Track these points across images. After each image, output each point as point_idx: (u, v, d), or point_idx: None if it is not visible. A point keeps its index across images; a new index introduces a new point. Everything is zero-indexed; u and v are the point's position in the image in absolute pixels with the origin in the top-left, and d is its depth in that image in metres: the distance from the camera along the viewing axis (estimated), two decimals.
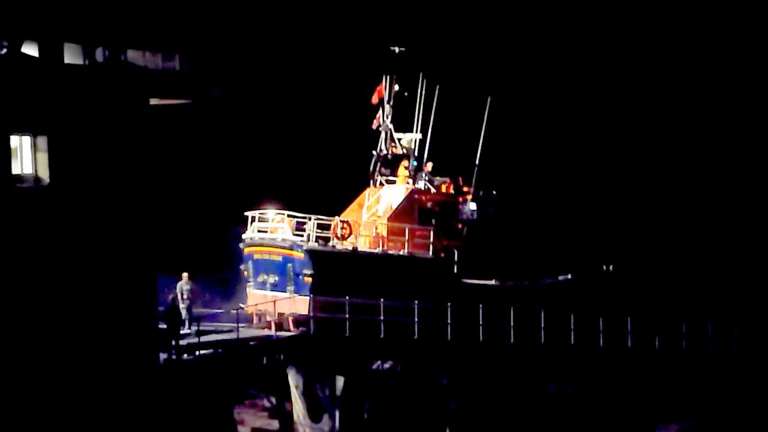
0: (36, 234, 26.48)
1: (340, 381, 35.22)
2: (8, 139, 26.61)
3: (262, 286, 36.67)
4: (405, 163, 39.46)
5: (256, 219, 37.09)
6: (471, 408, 36.91)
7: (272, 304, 35.22)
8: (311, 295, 34.79)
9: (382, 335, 35.08)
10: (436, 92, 39.56)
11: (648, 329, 39.63)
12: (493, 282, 38.11)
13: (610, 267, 41.28)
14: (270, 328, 35.17)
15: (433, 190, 39.20)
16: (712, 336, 40.60)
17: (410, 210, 37.94)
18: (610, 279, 41.14)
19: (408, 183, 39.01)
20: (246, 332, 34.50)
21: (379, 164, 39.81)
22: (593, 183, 59.69)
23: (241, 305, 36.67)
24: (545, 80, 62.16)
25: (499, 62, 56.55)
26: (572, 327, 37.94)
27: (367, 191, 39.80)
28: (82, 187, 27.82)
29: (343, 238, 36.55)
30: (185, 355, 32.03)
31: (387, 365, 35.87)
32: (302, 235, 35.96)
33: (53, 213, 27.07)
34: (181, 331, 32.70)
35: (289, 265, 35.57)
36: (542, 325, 37.39)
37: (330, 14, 59.43)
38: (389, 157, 39.64)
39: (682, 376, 39.54)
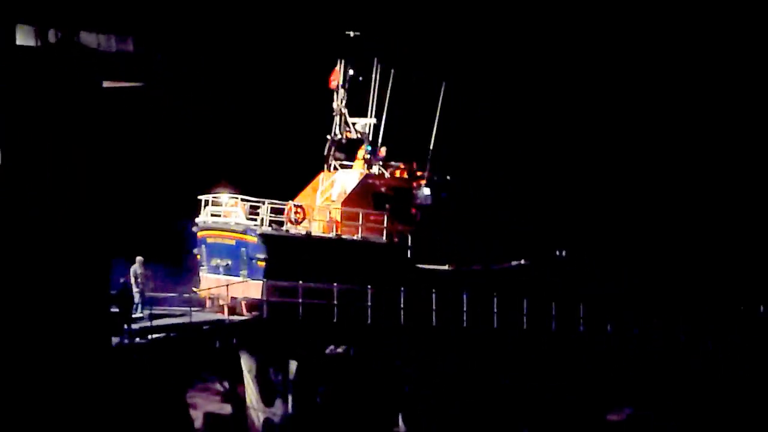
0: None
1: (293, 365, 35.13)
2: None
3: (216, 270, 36.66)
4: (359, 148, 39.53)
5: (210, 203, 37.07)
6: (424, 392, 37.00)
7: (225, 288, 35.29)
8: (265, 280, 34.80)
9: (335, 319, 35.26)
10: (391, 77, 39.58)
11: (601, 315, 40.08)
12: (446, 267, 38.35)
13: (563, 252, 41.64)
14: (223, 312, 35.18)
15: (387, 175, 39.35)
16: (664, 322, 41.05)
17: (364, 195, 38.13)
18: (564, 264, 41.47)
19: (363, 168, 39.11)
20: (199, 316, 34.76)
21: (333, 149, 39.91)
22: (550, 168, 59.79)
23: (194, 289, 36.96)
24: (499, 64, 62.24)
25: (454, 47, 56.56)
26: (525, 312, 38.25)
27: (321, 175, 39.91)
28: (33, 169, 27.74)
29: (297, 222, 36.64)
30: (137, 339, 32.11)
31: (340, 349, 35.77)
32: (256, 220, 36.04)
33: (3, 195, 27.05)
34: (134, 315, 32.76)
35: (243, 249, 35.62)
36: (495, 310, 37.62)
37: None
38: (343, 141, 39.72)
39: (633, 361, 39.92)
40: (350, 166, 39.78)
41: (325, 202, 38.65)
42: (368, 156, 39.36)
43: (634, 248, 51.45)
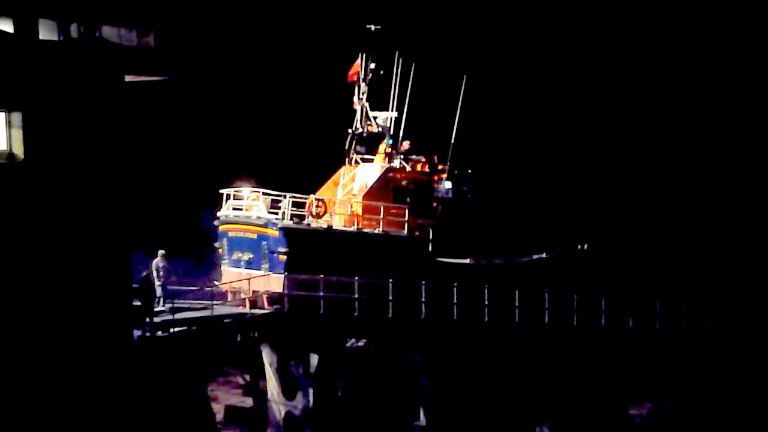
0: (8, 210, 26.49)
1: (314, 359, 35.25)
2: None
3: (237, 263, 36.77)
4: (381, 142, 39.51)
5: (231, 197, 37.20)
6: (444, 385, 37.08)
7: (247, 281, 35.46)
8: (286, 273, 34.83)
9: (356, 313, 35.35)
10: (412, 71, 39.43)
11: (622, 308, 39.90)
12: (467, 260, 38.33)
13: (585, 246, 41.48)
14: (244, 305, 35.31)
15: (408, 168, 39.29)
16: (686, 315, 40.80)
17: (385, 188, 38.07)
18: (585, 258, 41.33)
19: (384, 161, 39.06)
20: (220, 309, 34.78)
21: (354, 142, 39.86)
22: (571, 162, 59.77)
23: (216, 282, 36.93)
24: (521, 58, 62.19)
25: (475, 41, 56.47)
26: (546, 306, 38.26)
27: (342, 169, 39.90)
28: (57, 163, 27.81)
29: (318, 216, 36.54)
30: (159, 332, 32.06)
31: (361, 343, 35.98)
32: (277, 213, 36.00)
33: (27, 189, 27.06)
34: (156, 308, 32.72)
35: (264, 242, 35.62)
36: (516, 304, 37.62)
37: None
38: (365, 135, 39.66)
39: (655, 355, 39.80)
40: (371, 160, 39.77)
41: (347, 195, 38.60)
42: (390, 150, 39.28)
43: (653, 242, 51.29)
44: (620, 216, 53.45)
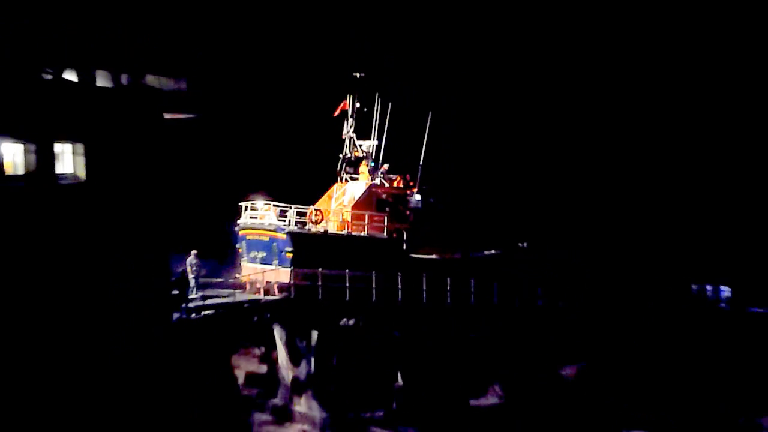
0: (75, 219, 26.53)
1: (314, 334, 35.19)
2: (53, 146, 26.71)
3: (253, 260, 36.73)
4: (364, 164, 39.57)
5: (249, 208, 37.21)
6: (417, 354, 37.01)
7: (261, 274, 35.47)
8: (292, 268, 34.97)
9: (347, 298, 35.42)
10: (389, 108, 39.76)
11: (554, 292, 40.04)
12: (433, 256, 38.40)
13: (525, 244, 41.77)
14: (259, 293, 35.27)
15: (387, 184, 39.38)
16: (609, 296, 40.98)
17: (369, 201, 38.16)
18: (524, 253, 41.59)
19: (368, 179, 39.10)
20: (240, 297, 34.88)
21: (344, 165, 39.98)
22: (513, 180, 59.73)
23: (237, 275, 36.88)
24: (474, 101, 62.37)
25: (438, 86, 56.57)
26: (495, 290, 38.35)
27: (335, 186, 39.92)
28: (111, 183, 27.81)
29: (317, 223, 36.71)
30: (193, 315, 32.25)
31: (351, 322, 35.79)
32: (284, 221, 36.01)
33: (89, 203, 27.11)
34: (190, 296, 32.89)
35: (274, 244, 35.67)
36: (472, 290, 37.79)
37: (308, 48, 59.38)
38: (352, 159, 39.82)
39: (580, 327, 39.78)
40: (357, 178, 39.82)
41: (339, 206, 38.62)
42: (370, 169, 39.39)
43: (579, 240, 51.30)
44: (551, 220, 53.35)
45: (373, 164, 39.57)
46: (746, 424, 35.74)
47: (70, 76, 27.76)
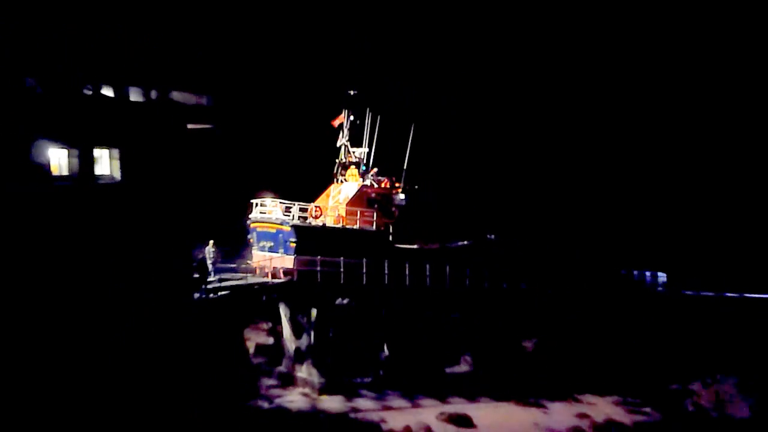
0: (111, 213, 26.71)
1: (314, 312, 35.42)
2: (92, 151, 26.93)
3: (262, 249, 36.72)
4: (353, 168, 39.61)
5: (258, 204, 37.34)
6: (400, 328, 37.37)
7: (269, 261, 35.65)
8: (295, 255, 34.98)
9: (342, 281, 35.35)
10: (378, 120, 39.75)
11: (517, 276, 39.95)
12: (415, 246, 38.37)
13: (492, 236, 41.73)
14: (267, 277, 35.40)
15: (376, 185, 39.34)
16: (561, 280, 40.70)
17: (361, 199, 38.18)
18: (492, 244, 41.44)
19: (359, 181, 39.13)
20: (251, 279, 35.06)
21: (340, 168, 40.03)
22: (483, 183, 59.58)
23: (248, 262, 36.99)
24: (450, 114, 62.50)
25: (419, 103, 56.46)
26: (467, 274, 38.41)
27: (332, 186, 39.95)
28: (142, 183, 28.00)
29: (316, 217, 36.82)
30: (211, 295, 32.35)
31: (345, 301, 35.98)
32: (289, 215, 36.18)
33: (123, 200, 27.30)
34: (208, 280, 33.03)
35: (280, 235, 35.68)
36: (447, 274, 37.78)
37: (310, 69, 59.30)
38: (347, 164, 39.86)
39: (538, 306, 39.96)
40: (350, 180, 39.90)
41: (335, 204, 38.60)
42: (362, 172, 39.42)
43: (538, 232, 50.98)
44: (514, 216, 53.13)
45: (364, 168, 39.52)
46: (678, 389, 35.94)
47: (107, 91, 27.96)
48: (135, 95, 29.19)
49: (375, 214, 38.10)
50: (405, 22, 62.49)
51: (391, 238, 38.13)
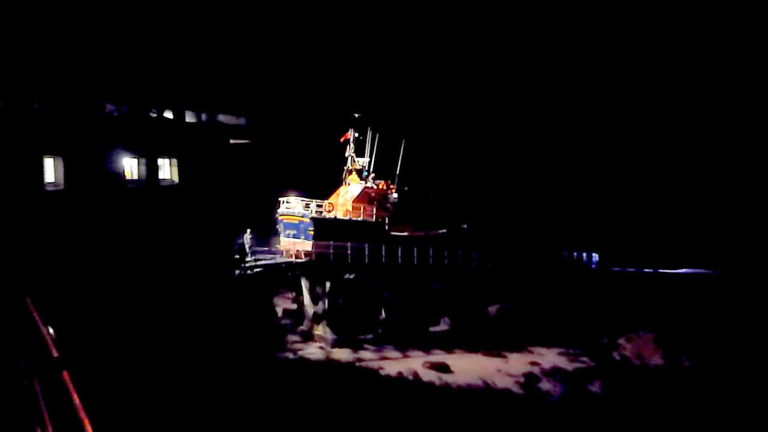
0: (171, 208, 26.92)
1: (327, 284, 35.28)
2: (157, 160, 27.29)
3: (288, 236, 36.42)
4: (353, 174, 39.22)
5: (285, 201, 37.20)
6: (394, 297, 37.24)
7: (293, 245, 35.48)
8: (313, 240, 34.84)
9: (349, 261, 35.20)
10: (377, 137, 39.61)
11: (486, 256, 39.65)
12: (405, 233, 38.21)
13: (465, 226, 41.54)
14: (292, 257, 35.21)
15: (375, 187, 39.11)
16: (516, 259, 40.67)
17: (363, 197, 37.95)
18: (465, 232, 41.21)
19: (362, 183, 38.92)
20: (279, 260, 34.96)
21: (346, 173, 39.71)
22: (459, 186, 59.02)
23: (277, 246, 36.82)
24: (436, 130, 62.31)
25: (409, 122, 56.33)
26: (445, 256, 38.28)
27: (341, 188, 39.62)
28: (195, 185, 28.29)
29: (329, 211, 36.67)
30: (248, 272, 32.41)
31: (352, 276, 35.80)
32: (308, 210, 36.07)
33: (180, 199, 27.55)
34: (247, 260, 33.07)
35: (302, 225, 35.49)
36: (430, 256, 37.68)
37: (326, 99, 58.89)
38: (352, 170, 39.54)
39: (498, 279, 39.74)
40: (353, 183, 39.57)
41: (343, 201, 38.36)
42: (364, 177, 39.19)
43: (500, 222, 51.06)
44: (484, 210, 52.68)
45: (366, 174, 39.28)
46: (607, 343, 36.12)
47: (168, 114, 28.23)
48: (190, 117, 29.52)
49: (374, 209, 37.84)
50: (402, 23, 60.49)
51: (386, 227, 37.92)
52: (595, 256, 43.41)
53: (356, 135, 39.31)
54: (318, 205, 36.64)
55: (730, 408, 24.81)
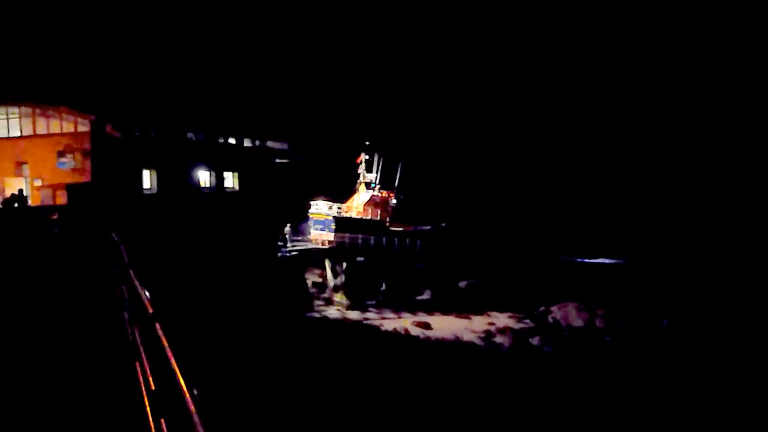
0: (233, 210, 26.64)
1: (344, 264, 34.84)
2: (223, 173, 27.25)
3: (317, 229, 36.06)
4: (363, 185, 38.67)
5: (315, 204, 36.70)
6: (391, 275, 36.48)
7: (320, 236, 35.18)
8: (335, 233, 34.66)
9: (359, 248, 34.95)
10: (382, 159, 39.44)
11: (459, 245, 38.85)
12: (401, 228, 37.94)
13: (443, 224, 41.59)
14: (320, 245, 34.97)
15: (379, 195, 38.74)
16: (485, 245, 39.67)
17: (371, 202, 37.75)
18: (445, 229, 41.28)
19: (370, 192, 38.54)
20: (310, 246, 34.75)
21: (359, 185, 39.35)
22: (441, 191, 57.48)
23: (309, 236, 36.47)
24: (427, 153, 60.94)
25: (404, 150, 55.39)
26: (429, 245, 37.63)
27: (354, 195, 39.31)
28: (251, 192, 28.12)
29: (346, 212, 36.46)
30: (288, 254, 32.23)
31: (362, 259, 35.39)
32: (332, 210, 35.67)
33: (240, 202, 27.34)
34: (287, 246, 32.93)
35: (327, 221, 35.20)
36: (418, 245, 37.26)
37: (346, 130, 57.97)
38: (363, 182, 39.11)
39: (466, 261, 38.46)
40: (362, 191, 39.29)
41: (356, 204, 38.01)
42: (371, 187, 38.85)
43: (473, 220, 50.00)
44: (457, 214, 51.31)
45: (373, 185, 38.96)
46: (544, 309, 35.40)
47: (232, 140, 28.30)
48: (247, 142, 29.67)
49: (378, 211, 37.63)
50: (401, 25, 57.80)
51: (387, 224, 37.65)
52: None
53: (366, 157, 39.04)
54: (338, 207, 36.35)
55: (729, 408, 19.91)
